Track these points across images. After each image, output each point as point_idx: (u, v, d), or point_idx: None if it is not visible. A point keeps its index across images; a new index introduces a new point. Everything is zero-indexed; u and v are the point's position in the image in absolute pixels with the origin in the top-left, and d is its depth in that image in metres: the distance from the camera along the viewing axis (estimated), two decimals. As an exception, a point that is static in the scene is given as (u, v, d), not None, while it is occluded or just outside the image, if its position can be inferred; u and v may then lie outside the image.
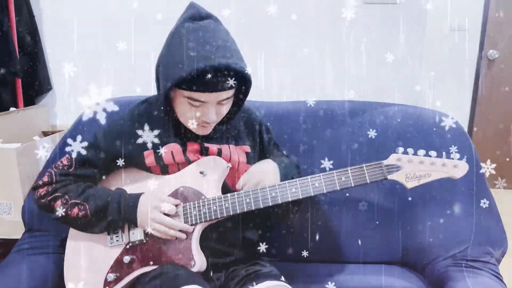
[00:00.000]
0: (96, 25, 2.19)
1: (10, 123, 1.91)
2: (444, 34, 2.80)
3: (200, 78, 0.93)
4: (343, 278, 1.23)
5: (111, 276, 1.05)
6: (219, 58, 0.93)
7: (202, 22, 0.97)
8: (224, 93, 0.98)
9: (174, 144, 1.08)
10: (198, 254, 1.03)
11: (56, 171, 1.09)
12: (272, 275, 1.04)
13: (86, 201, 1.04)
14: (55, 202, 1.06)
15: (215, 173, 1.06)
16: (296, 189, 1.01)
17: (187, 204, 1.05)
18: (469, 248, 1.22)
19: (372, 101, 1.41)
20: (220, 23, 1.00)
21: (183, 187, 1.07)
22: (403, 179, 0.99)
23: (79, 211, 1.04)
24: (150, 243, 1.06)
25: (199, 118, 1.01)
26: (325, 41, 2.04)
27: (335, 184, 1.01)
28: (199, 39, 0.94)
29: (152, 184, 1.06)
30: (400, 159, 0.99)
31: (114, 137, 1.08)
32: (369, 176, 1.00)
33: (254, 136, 1.17)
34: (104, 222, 1.05)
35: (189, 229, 1.03)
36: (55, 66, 2.33)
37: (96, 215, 1.04)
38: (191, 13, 0.98)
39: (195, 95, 0.97)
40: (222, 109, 1.03)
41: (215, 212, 1.03)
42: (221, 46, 0.94)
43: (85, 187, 1.07)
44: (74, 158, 1.08)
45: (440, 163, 0.98)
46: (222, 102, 1.01)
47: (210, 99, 0.98)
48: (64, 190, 1.06)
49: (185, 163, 1.08)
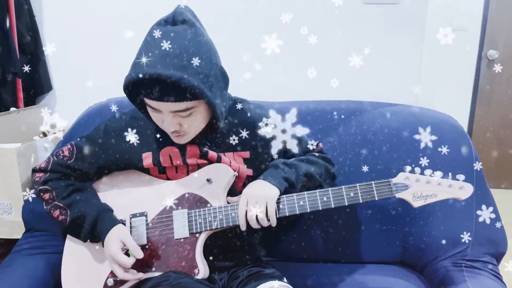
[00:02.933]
0: (96, 25, 2.18)
1: (10, 123, 1.91)
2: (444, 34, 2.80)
3: (148, 85, 0.90)
4: (343, 278, 1.23)
5: (111, 281, 1.04)
6: (156, 67, 0.87)
7: (172, 27, 0.91)
8: (177, 104, 0.92)
9: (172, 147, 1.07)
10: (202, 262, 1.02)
11: (55, 160, 1.10)
12: (274, 275, 1.04)
13: (69, 207, 1.06)
14: (44, 194, 1.09)
15: (222, 181, 1.05)
16: (304, 202, 1.01)
17: (192, 211, 1.05)
18: (469, 248, 1.22)
19: (372, 101, 1.41)
20: (196, 32, 0.92)
21: (189, 193, 1.06)
22: (410, 198, 1.01)
23: (60, 214, 1.06)
24: (153, 249, 1.05)
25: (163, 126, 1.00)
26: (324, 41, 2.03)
27: (344, 200, 1.01)
28: (155, 45, 0.89)
29: (158, 188, 1.07)
30: (408, 178, 1.01)
31: (114, 136, 1.08)
32: (378, 193, 1.01)
33: (255, 138, 1.11)
34: (78, 232, 1.06)
35: (140, 278, 1.02)
36: (55, 66, 2.33)
37: (72, 224, 1.06)
38: (167, 16, 0.94)
39: (149, 102, 0.95)
40: (187, 120, 0.97)
41: (220, 221, 1.02)
42: (171, 54, 0.88)
43: (73, 190, 1.08)
44: (75, 150, 1.09)
45: (447, 184, 1.00)
46: (180, 113, 0.95)
47: (164, 108, 0.94)
48: (54, 185, 1.08)
49: (183, 166, 1.07)
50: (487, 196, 1.24)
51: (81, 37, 2.18)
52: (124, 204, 1.10)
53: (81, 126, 1.38)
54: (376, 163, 1.29)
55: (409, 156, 1.28)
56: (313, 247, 1.30)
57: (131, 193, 1.10)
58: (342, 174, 1.30)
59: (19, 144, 1.52)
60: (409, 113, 1.35)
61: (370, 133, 1.32)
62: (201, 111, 0.98)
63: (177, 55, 0.88)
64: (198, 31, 0.93)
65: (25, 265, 1.20)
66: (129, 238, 1.02)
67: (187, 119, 0.97)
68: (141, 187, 1.10)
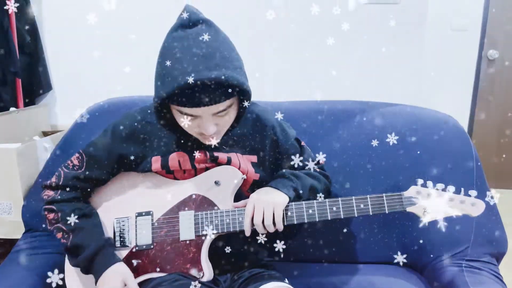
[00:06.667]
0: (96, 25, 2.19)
1: (10, 123, 1.91)
2: (444, 34, 2.80)
3: (186, 93, 0.87)
4: (343, 278, 1.22)
5: None
6: (201, 71, 0.85)
7: (190, 30, 0.89)
8: (219, 105, 0.90)
9: (182, 153, 1.05)
10: (207, 265, 1.02)
11: (66, 172, 1.06)
12: (276, 276, 1.04)
13: (72, 232, 1.03)
14: (49, 214, 1.05)
15: (230, 184, 1.04)
16: (313, 211, 1.01)
17: (199, 213, 1.04)
18: (469, 248, 1.22)
19: (372, 101, 1.41)
20: (213, 28, 0.91)
21: (196, 194, 1.05)
22: (421, 213, 1.00)
23: (62, 238, 1.03)
24: (158, 249, 1.04)
25: (199, 130, 0.96)
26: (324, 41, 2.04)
27: (353, 211, 1.01)
28: (184, 50, 0.87)
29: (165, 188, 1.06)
30: (420, 192, 1.00)
31: (124, 139, 1.05)
32: (388, 206, 1.01)
33: (264, 143, 1.10)
34: (75, 259, 1.03)
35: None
36: (55, 66, 2.33)
37: (72, 250, 1.03)
38: (181, 20, 0.91)
39: (185, 110, 0.91)
40: (222, 120, 0.96)
41: (227, 225, 1.02)
42: (206, 56, 0.86)
43: (79, 216, 1.03)
44: (85, 158, 1.05)
45: (459, 200, 0.98)
46: (219, 114, 0.93)
47: (203, 113, 0.91)
48: (59, 207, 1.04)
49: (191, 169, 1.06)
50: (487, 196, 1.24)
51: (81, 37, 2.18)
52: (129, 202, 1.09)
53: (80, 126, 1.38)
54: (375, 163, 1.29)
55: (408, 156, 1.28)
56: (313, 247, 1.29)
57: (137, 191, 1.09)
58: (342, 174, 1.29)
59: (19, 144, 1.52)
60: (409, 113, 1.35)
61: (369, 133, 1.32)
62: (234, 108, 0.97)
63: (211, 56, 0.87)
64: (216, 28, 0.92)
65: (25, 265, 1.19)
66: (132, 280, 1.00)
67: (223, 119, 0.95)
68: (148, 186, 1.09)
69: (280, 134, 1.11)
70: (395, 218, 1.28)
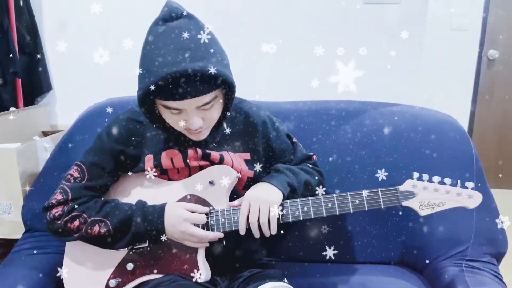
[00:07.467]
0: (96, 25, 2.18)
1: (10, 123, 1.91)
2: (444, 34, 2.80)
3: (169, 86, 0.87)
4: (343, 278, 1.22)
5: (113, 282, 1.04)
6: (185, 63, 0.85)
7: (172, 23, 0.89)
8: (203, 97, 0.90)
9: (174, 150, 1.05)
10: (204, 266, 1.02)
11: (70, 186, 1.04)
12: (275, 276, 1.04)
13: (107, 216, 1.00)
14: (72, 223, 1.01)
15: (224, 183, 1.04)
16: (308, 208, 1.01)
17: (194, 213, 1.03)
18: (469, 248, 1.22)
19: (372, 101, 1.41)
20: (194, 21, 0.91)
21: (190, 195, 1.05)
22: (417, 207, 0.99)
23: (100, 229, 1.00)
24: (154, 251, 1.04)
25: (185, 125, 0.95)
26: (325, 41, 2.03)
27: (349, 207, 1.00)
28: (167, 44, 0.87)
29: (159, 188, 1.05)
30: (416, 185, 0.99)
31: (118, 141, 1.06)
32: (384, 201, 1.00)
33: (256, 140, 1.10)
34: (127, 236, 1.00)
35: (221, 236, 1.01)
36: (55, 66, 2.33)
37: (118, 230, 1.00)
38: (163, 14, 0.91)
39: (169, 103, 0.91)
40: (208, 113, 0.95)
41: (223, 224, 1.02)
42: (191, 48, 0.87)
43: (103, 203, 1.03)
44: (85, 168, 1.04)
45: (455, 192, 0.98)
46: (204, 107, 0.93)
47: (188, 106, 0.91)
48: (82, 208, 1.02)
49: (185, 168, 1.07)
50: (488, 196, 1.24)
51: (81, 37, 2.18)
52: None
53: (80, 126, 1.38)
54: (375, 162, 1.29)
55: (409, 156, 1.28)
56: (313, 247, 1.29)
57: (132, 193, 1.09)
58: (342, 174, 1.30)
59: (19, 144, 1.52)
60: (409, 113, 1.35)
61: (370, 133, 1.32)
62: (219, 101, 0.96)
63: (193, 48, 0.87)
64: (197, 21, 0.92)
65: (25, 265, 1.19)
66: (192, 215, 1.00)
67: (208, 112, 0.95)
68: (143, 187, 1.09)
69: (272, 130, 1.12)
70: (395, 218, 1.28)
